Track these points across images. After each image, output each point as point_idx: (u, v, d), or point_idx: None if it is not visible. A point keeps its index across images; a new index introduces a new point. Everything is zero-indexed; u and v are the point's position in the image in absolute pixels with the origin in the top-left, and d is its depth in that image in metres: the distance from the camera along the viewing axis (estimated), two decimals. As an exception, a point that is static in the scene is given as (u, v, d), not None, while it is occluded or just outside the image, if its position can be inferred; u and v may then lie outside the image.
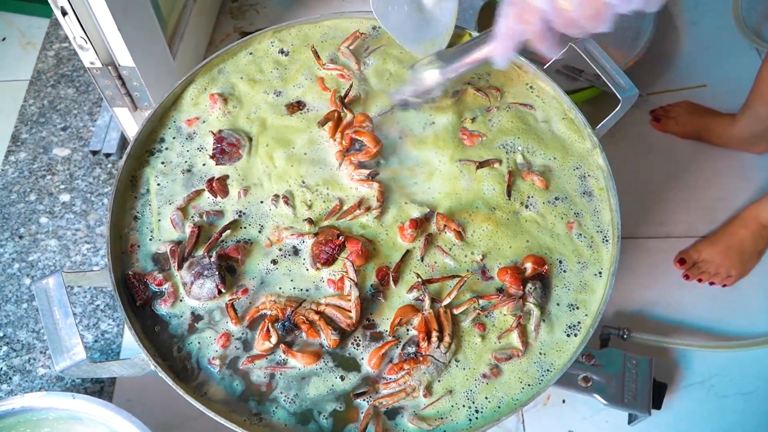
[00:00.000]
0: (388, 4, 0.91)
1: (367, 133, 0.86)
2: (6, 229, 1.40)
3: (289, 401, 0.74)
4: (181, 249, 0.81)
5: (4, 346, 1.28)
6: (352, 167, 0.86)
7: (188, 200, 0.85)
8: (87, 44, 1.11)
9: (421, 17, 0.93)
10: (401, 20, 0.92)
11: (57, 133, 1.54)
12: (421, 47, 0.93)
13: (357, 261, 0.80)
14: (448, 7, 0.94)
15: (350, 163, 0.86)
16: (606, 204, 0.86)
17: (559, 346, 0.77)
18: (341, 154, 0.87)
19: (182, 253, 0.81)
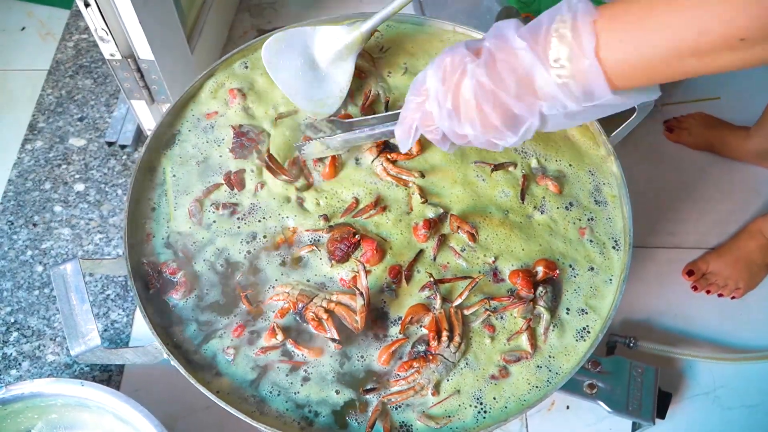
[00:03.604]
0: (279, 58, 0.90)
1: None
2: (20, 216, 1.41)
3: (297, 393, 0.74)
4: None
5: (14, 332, 1.29)
6: (389, 164, 0.87)
7: (207, 192, 0.86)
8: (108, 36, 1.13)
9: (314, 75, 0.92)
10: (293, 76, 0.91)
11: (74, 123, 1.55)
12: (312, 105, 0.92)
13: (371, 260, 0.81)
14: (343, 68, 0.91)
15: (386, 159, 0.87)
16: (619, 211, 0.86)
17: (568, 350, 0.77)
18: (377, 149, 0.88)
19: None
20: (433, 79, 0.66)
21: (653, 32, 0.55)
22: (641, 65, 0.56)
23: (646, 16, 0.56)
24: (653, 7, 0.56)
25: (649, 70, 0.57)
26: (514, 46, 0.61)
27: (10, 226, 1.40)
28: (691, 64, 0.55)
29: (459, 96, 0.64)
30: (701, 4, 0.53)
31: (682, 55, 0.55)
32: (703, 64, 0.55)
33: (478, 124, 0.64)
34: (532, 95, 0.61)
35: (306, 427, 0.73)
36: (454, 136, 0.68)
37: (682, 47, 0.54)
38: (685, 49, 0.54)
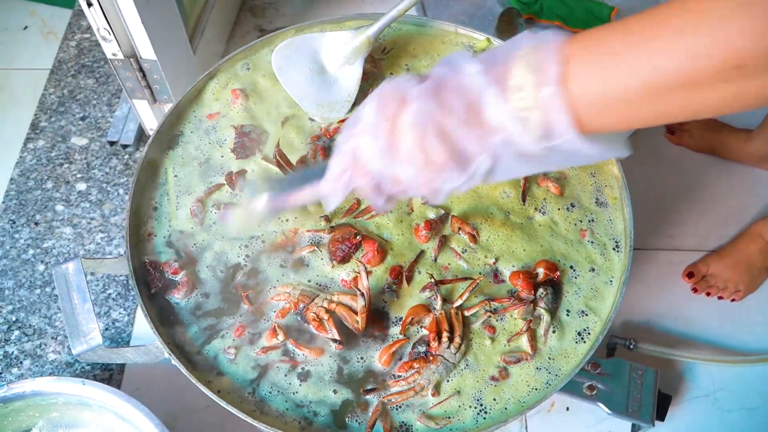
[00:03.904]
0: (289, 62, 0.91)
1: None
2: (22, 215, 1.42)
3: (297, 393, 0.75)
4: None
5: (16, 331, 1.29)
6: None
7: (209, 192, 0.87)
8: (110, 36, 1.13)
9: (323, 80, 0.92)
10: (302, 81, 0.91)
11: (76, 122, 1.55)
12: (320, 110, 0.92)
13: (372, 261, 0.81)
14: (351, 74, 0.92)
15: None
16: (619, 213, 0.86)
17: (568, 352, 0.77)
18: None
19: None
20: (368, 109, 0.57)
21: (632, 60, 0.47)
22: (616, 100, 0.49)
23: (623, 42, 0.48)
24: (632, 33, 0.48)
25: (626, 107, 0.49)
26: (467, 71, 0.53)
27: (12, 224, 1.40)
28: (677, 100, 0.47)
29: (397, 128, 0.55)
30: (689, 28, 0.45)
31: (666, 87, 0.47)
32: (691, 100, 0.47)
33: (418, 160, 0.54)
34: (484, 126, 0.52)
35: (306, 426, 0.73)
36: (388, 182, 0.58)
37: (666, 77, 0.46)
38: (669, 80, 0.46)
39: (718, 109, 0.48)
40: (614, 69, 0.48)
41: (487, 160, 0.54)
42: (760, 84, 0.44)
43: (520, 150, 0.53)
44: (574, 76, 0.49)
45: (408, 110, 0.54)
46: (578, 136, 0.50)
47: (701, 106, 0.48)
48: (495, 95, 0.51)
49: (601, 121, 0.50)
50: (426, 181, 0.56)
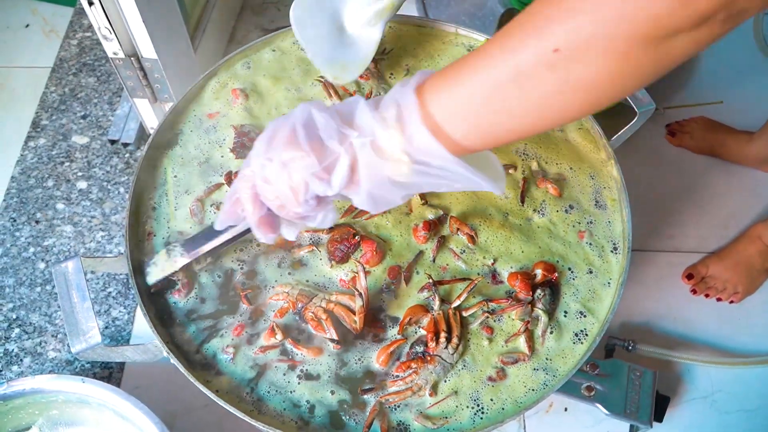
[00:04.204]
0: (309, 15, 0.89)
1: None
2: (23, 213, 1.42)
3: (295, 392, 0.75)
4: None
5: (16, 328, 1.30)
6: None
7: (209, 192, 0.87)
8: (111, 34, 1.13)
9: (340, 39, 0.90)
10: (319, 35, 0.89)
11: (77, 121, 1.56)
12: (332, 69, 0.90)
13: (371, 261, 0.81)
14: (370, 37, 0.90)
15: None
16: (618, 215, 0.87)
17: (565, 353, 0.77)
18: None
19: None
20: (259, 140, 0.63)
21: (467, 77, 0.53)
22: (466, 112, 0.54)
23: (460, 66, 0.55)
24: (466, 58, 0.55)
25: (476, 116, 0.54)
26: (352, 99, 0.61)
27: (13, 222, 1.41)
28: (514, 97, 0.52)
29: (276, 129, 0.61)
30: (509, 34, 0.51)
31: (501, 85, 0.52)
32: (526, 93, 0.51)
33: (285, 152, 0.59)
34: (351, 127, 0.58)
35: (303, 426, 0.73)
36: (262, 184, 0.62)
37: (499, 76, 0.52)
38: (502, 79, 0.51)
39: (557, 103, 0.51)
40: (457, 86, 0.54)
41: (345, 158, 0.58)
42: (583, 68, 0.48)
43: (380, 148, 0.57)
44: (429, 91, 0.56)
45: (290, 113, 0.61)
46: (426, 133, 0.55)
47: (537, 96, 0.51)
48: (367, 107, 0.58)
49: (464, 134, 0.55)
50: (291, 176, 0.60)
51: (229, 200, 0.66)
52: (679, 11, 0.43)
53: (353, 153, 0.58)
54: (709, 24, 0.45)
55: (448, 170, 0.57)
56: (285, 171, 0.60)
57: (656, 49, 0.46)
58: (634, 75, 0.49)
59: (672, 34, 0.45)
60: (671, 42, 0.46)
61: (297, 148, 0.59)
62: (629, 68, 0.48)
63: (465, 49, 1.00)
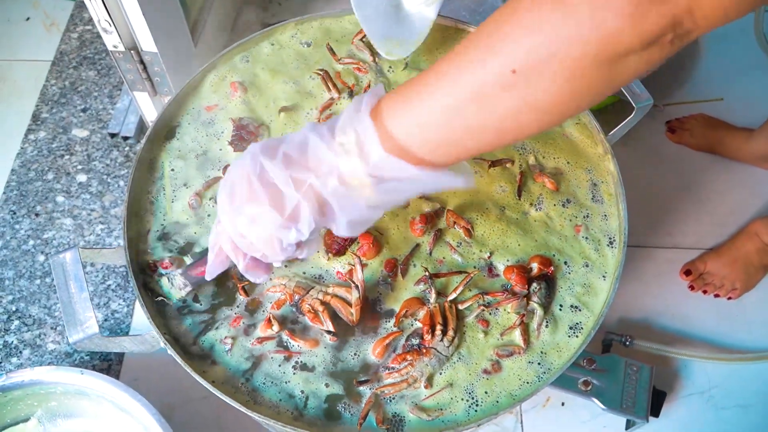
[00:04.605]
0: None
1: None
2: (23, 206, 1.43)
3: (291, 383, 0.75)
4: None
5: (16, 320, 1.30)
6: None
7: (207, 186, 0.87)
8: (111, 27, 1.13)
9: (397, 16, 0.91)
10: (377, 13, 0.90)
11: (77, 114, 1.56)
12: (387, 45, 0.91)
13: (368, 254, 0.81)
14: (426, 16, 0.92)
15: None
16: (615, 209, 0.87)
17: (560, 346, 0.78)
18: None
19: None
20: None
21: (425, 95, 0.54)
22: (426, 130, 0.55)
23: (417, 84, 0.55)
24: (424, 75, 0.55)
25: (436, 134, 0.55)
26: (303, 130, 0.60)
27: (13, 215, 1.41)
28: (472, 116, 0.52)
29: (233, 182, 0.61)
30: (466, 51, 0.51)
31: (460, 105, 0.52)
32: (484, 113, 0.52)
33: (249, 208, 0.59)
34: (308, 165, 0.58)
35: (298, 416, 0.73)
36: (238, 238, 0.62)
37: (458, 96, 0.52)
38: (461, 98, 0.52)
39: (514, 116, 0.52)
40: (417, 100, 0.55)
41: (305, 202, 0.58)
42: (541, 88, 0.49)
43: (345, 181, 0.57)
44: (387, 112, 0.56)
45: (242, 162, 0.61)
46: (389, 156, 0.55)
47: (497, 115, 0.52)
48: (319, 137, 0.58)
49: (427, 151, 0.56)
50: (260, 230, 0.60)
51: (213, 251, 0.68)
52: (629, 33, 0.45)
53: (315, 193, 0.59)
54: (658, 44, 0.47)
55: (419, 181, 0.58)
56: (254, 226, 0.60)
57: (609, 68, 0.48)
58: (589, 94, 0.50)
59: (624, 54, 0.47)
60: (623, 62, 0.48)
61: (258, 203, 0.59)
62: (584, 88, 0.49)
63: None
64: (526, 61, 0.48)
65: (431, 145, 0.56)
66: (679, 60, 1.67)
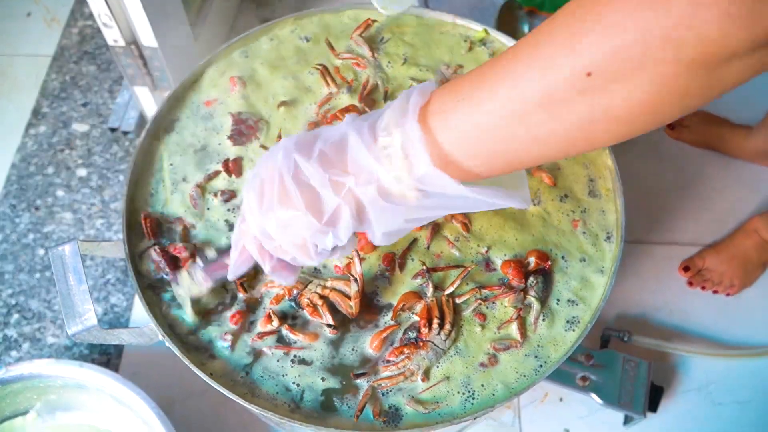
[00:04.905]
0: None
1: None
2: (23, 200, 1.43)
3: (289, 377, 0.76)
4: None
5: (15, 314, 1.31)
6: None
7: (208, 179, 0.88)
8: (111, 22, 1.14)
9: None
10: None
11: (77, 108, 1.56)
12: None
13: (366, 248, 0.82)
14: None
15: None
16: (612, 204, 0.87)
17: (557, 340, 0.78)
18: None
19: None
20: (255, 167, 0.60)
21: (485, 96, 0.47)
22: (481, 138, 0.48)
23: (475, 82, 0.49)
24: (482, 72, 0.49)
25: (493, 143, 0.48)
26: (343, 122, 0.55)
27: (13, 209, 1.42)
28: (540, 123, 0.46)
29: (264, 179, 0.57)
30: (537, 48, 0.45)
31: (525, 111, 0.46)
32: (553, 120, 0.45)
33: (281, 210, 0.55)
34: (347, 168, 0.53)
35: (296, 409, 0.74)
36: (266, 240, 0.58)
37: (523, 101, 0.46)
38: (526, 103, 0.46)
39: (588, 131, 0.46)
40: (470, 109, 0.48)
41: (345, 207, 0.54)
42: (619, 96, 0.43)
43: (387, 192, 0.53)
44: (436, 114, 0.50)
45: (273, 158, 0.56)
46: (436, 171, 0.50)
47: (567, 129, 0.46)
48: (360, 136, 0.53)
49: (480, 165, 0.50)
50: (293, 235, 0.56)
51: (236, 249, 0.64)
52: (734, 34, 0.38)
53: (354, 198, 0.54)
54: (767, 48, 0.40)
55: (468, 199, 0.53)
56: (287, 230, 0.56)
57: (707, 75, 0.41)
58: (679, 104, 0.44)
59: (726, 59, 0.40)
60: (725, 68, 0.41)
61: (292, 206, 0.55)
62: (673, 96, 0.43)
63: (462, 39, 1.00)
64: (606, 64, 0.42)
65: (484, 156, 0.50)
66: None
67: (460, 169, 0.51)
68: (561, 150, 0.49)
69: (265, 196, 0.57)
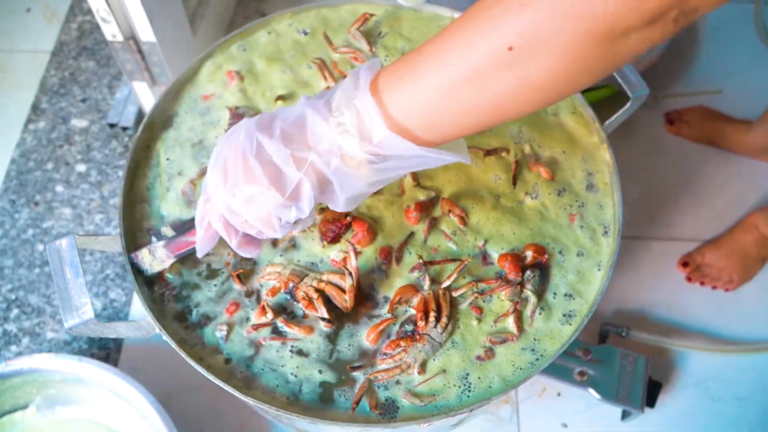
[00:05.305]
0: None
1: None
2: (22, 195, 1.43)
3: (285, 369, 0.76)
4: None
5: (15, 309, 1.31)
6: None
7: (201, 174, 0.88)
8: (110, 17, 1.14)
9: None
10: None
11: (76, 104, 1.57)
12: None
13: (362, 241, 0.82)
14: None
15: None
16: (610, 199, 0.87)
17: (554, 334, 0.78)
18: None
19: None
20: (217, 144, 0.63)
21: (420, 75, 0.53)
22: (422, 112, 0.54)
23: (411, 63, 0.54)
24: (420, 52, 0.54)
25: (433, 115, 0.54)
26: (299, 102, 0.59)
27: (12, 204, 1.42)
28: (469, 95, 0.52)
29: (227, 157, 0.60)
30: (463, 28, 0.50)
31: (455, 86, 0.51)
32: (483, 93, 0.51)
33: (245, 187, 0.58)
34: (307, 143, 0.57)
35: (293, 401, 0.74)
36: (232, 216, 0.62)
37: (452, 77, 0.51)
38: (455, 79, 0.51)
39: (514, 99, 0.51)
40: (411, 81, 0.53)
41: (306, 180, 0.58)
42: (536, 66, 0.48)
43: (345, 160, 0.57)
44: (384, 89, 0.55)
45: (235, 138, 0.59)
46: (392, 135, 0.55)
47: (495, 99, 0.51)
48: (317, 112, 0.57)
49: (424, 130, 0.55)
50: (258, 210, 0.60)
51: (201, 227, 0.67)
52: (631, 10, 0.44)
53: (316, 172, 0.58)
54: (661, 22, 0.45)
55: (420, 158, 0.58)
56: (252, 206, 0.60)
57: (608, 46, 0.47)
58: (588, 72, 0.49)
59: (624, 32, 0.45)
60: (623, 40, 0.46)
61: (256, 183, 0.58)
62: (581, 66, 0.48)
63: (460, 33, 1.00)
64: (523, 39, 0.47)
65: (427, 126, 0.55)
66: (678, 51, 1.67)
67: (413, 137, 0.56)
68: (493, 117, 0.54)
69: (229, 174, 0.60)
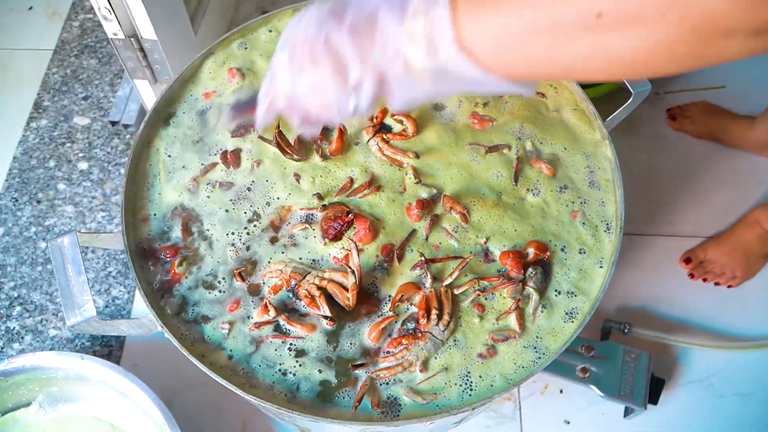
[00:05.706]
0: None
1: (411, 116, 0.88)
2: (25, 193, 1.43)
3: (286, 366, 0.76)
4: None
5: (17, 306, 1.31)
6: (384, 144, 0.88)
7: (204, 171, 0.88)
8: (111, 15, 1.13)
9: None
10: None
11: (78, 102, 1.57)
12: None
13: (364, 239, 0.82)
14: None
15: (381, 140, 0.88)
16: (612, 195, 0.87)
17: (556, 331, 0.78)
18: (373, 130, 0.89)
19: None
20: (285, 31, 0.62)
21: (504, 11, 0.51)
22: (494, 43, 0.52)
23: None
24: None
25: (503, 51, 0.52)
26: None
27: (15, 202, 1.42)
28: (546, 46, 0.50)
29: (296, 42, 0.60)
30: None
31: (536, 32, 0.50)
32: (558, 47, 0.50)
33: (309, 72, 0.59)
34: (374, 40, 0.56)
35: (293, 399, 0.74)
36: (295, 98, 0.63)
37: (537, 23, 0.49)
38: (538, 26, 0.49)
39: (586, 64, 0.50)
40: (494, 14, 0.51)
41: (368, 77, 0.57)
42: (620, 40, 0.46)
43: (409, 67, 0.56)
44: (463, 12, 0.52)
45: (306, 23, 0.59)
46: (459, 53, 0.53)
47: (570, 58, 0.50)
48: (391, 10, 0.55)
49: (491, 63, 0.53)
50: (319, 95, 0.60)
51: (263, 104, 0.67)
52: (742, 14, 0.41)
53: (380, 67, 0.57)
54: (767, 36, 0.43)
55: (482, 83, 0.56)
56: (314, 90, 0.60)
57: (704, 44, 0.44)
58: (672, 62, 0.47)
59: (727, 34, 0.43)
60: (723, 41, 0.44)
61: (320, 70, 0.59)
62: (668, 55, 0.46)
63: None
64: (618, 10, 0.45)
65: (495, 58, 0.53)
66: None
67: (479, 61, 0.54)
68: (562, 73, 0.54)
69: (296, 58, 0.60)
